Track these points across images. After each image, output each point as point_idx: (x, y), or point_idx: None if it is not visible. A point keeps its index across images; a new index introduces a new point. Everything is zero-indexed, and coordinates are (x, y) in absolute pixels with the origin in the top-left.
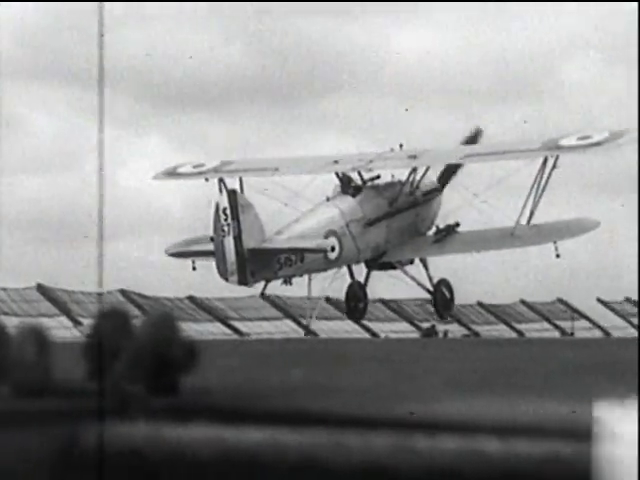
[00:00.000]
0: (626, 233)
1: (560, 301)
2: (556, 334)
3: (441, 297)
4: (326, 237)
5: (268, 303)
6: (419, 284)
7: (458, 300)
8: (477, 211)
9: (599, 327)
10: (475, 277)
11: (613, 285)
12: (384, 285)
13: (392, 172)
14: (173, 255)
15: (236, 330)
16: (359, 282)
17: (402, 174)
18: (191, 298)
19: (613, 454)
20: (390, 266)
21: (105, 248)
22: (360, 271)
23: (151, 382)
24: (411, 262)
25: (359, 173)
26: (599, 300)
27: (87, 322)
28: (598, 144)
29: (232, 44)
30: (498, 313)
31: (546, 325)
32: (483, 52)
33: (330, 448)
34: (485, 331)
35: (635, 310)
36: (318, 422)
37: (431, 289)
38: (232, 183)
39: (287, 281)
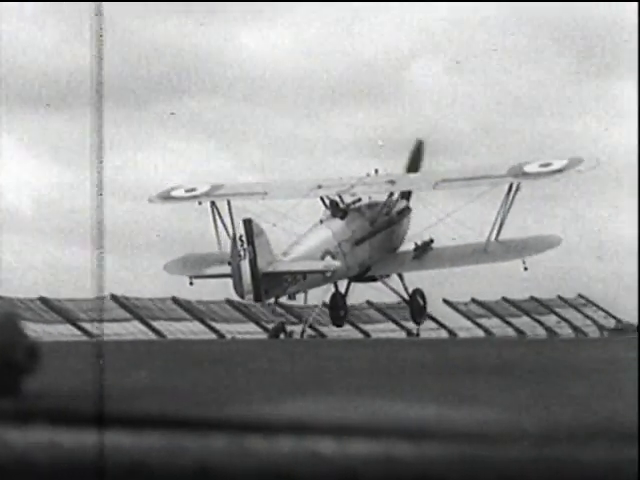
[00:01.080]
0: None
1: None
2: (402, 334)
3: (416, 305)
4: (323, 257)
5: (117, 304)
6: (397, 294)
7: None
8: (446, 227)
9: (445, 328)
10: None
11: (460, 287)
12: (367, 293)
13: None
14: (192, 278)
15: (86, 331)
16: (340, 293)
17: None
18: (42, 299)
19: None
20: (371, 278)
21: None
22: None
23: None
24: (387, 275)
25: (340, 196)
26: (445, 301)
27: None
28: (560, 171)
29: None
30: None
31: (392, 326)
32: (332, 54)
33: (165, 450)
34: (332, 332)
35: (481, 311)
36: (154, 424)
37: (407, 298)
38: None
39: (291, 296)
